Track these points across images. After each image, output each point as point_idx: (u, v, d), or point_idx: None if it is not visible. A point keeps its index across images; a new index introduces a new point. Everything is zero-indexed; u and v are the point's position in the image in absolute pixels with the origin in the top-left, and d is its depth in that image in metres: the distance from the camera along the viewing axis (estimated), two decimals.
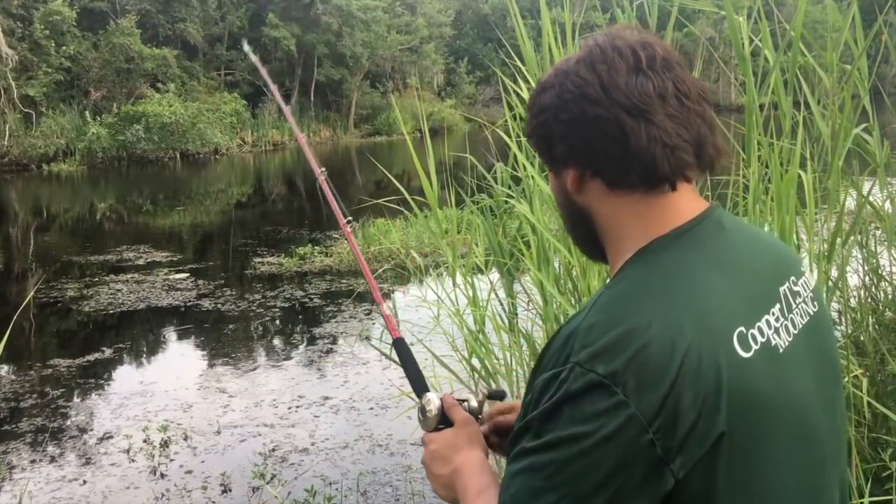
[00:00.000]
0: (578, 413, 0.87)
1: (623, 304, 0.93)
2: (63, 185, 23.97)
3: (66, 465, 4.75)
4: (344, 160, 30.44)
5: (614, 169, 0.98)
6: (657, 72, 0.97)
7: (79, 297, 9.03)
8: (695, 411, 0.86)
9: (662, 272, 0.96)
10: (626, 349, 0.87)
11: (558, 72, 1.03)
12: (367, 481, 4.28)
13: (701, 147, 0.98)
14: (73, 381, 6.30)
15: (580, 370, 0.88)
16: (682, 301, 0.92)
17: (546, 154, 1.06)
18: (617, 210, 1.01)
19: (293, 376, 6.25)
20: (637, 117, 0.95)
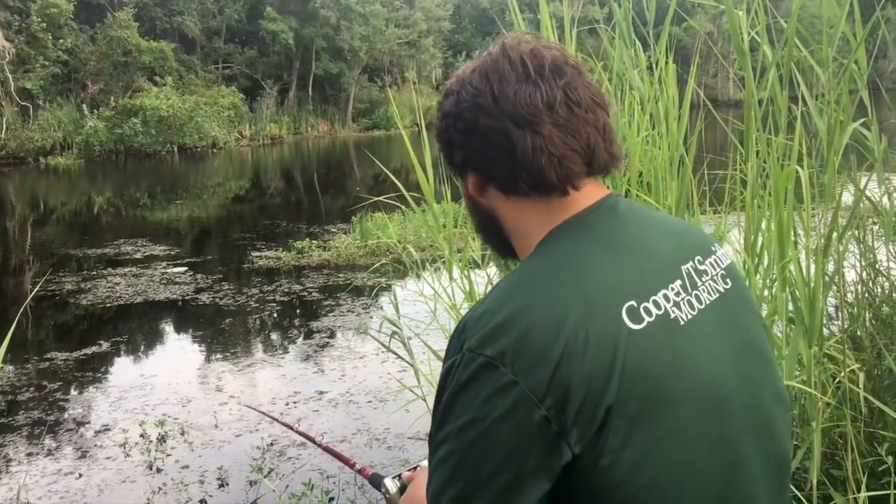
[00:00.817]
0: (472, 397, 0.90)
1: (512, 290, 0.96)
2: (60, 178, 23.94)
3: (62, 459, 4.75)
4: (342, 154, 30.42)
5: (505, 177, 1.02)
6: (546, 80, 0.99)
7: (76, 291, 9.02)
8: (585, 385, 0.88)
9: (552, 258, 0.99)
10: (511, 330, 0.90)
11: (459, 79, 1.06)
12: None
13: (592, 154, 1.01)
14: (71, 374, 6.31)
15: (471, 355, 0.91)
16: (568, 283, 0.95)
17: (448, 159, 1.09)
18: (519, 212, 1.05)
19: (291, 370, 6.25)
20: (524, 128, 0.98)
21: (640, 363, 0.91)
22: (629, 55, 2.80)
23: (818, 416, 2.29)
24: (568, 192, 1.02)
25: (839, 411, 2.45)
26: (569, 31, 2.95)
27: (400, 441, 4.69)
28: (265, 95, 34.49)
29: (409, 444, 4.63)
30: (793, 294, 2.36)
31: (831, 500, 2.36)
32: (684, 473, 0.94)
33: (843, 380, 2.38)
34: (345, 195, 17.53)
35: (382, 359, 6.03)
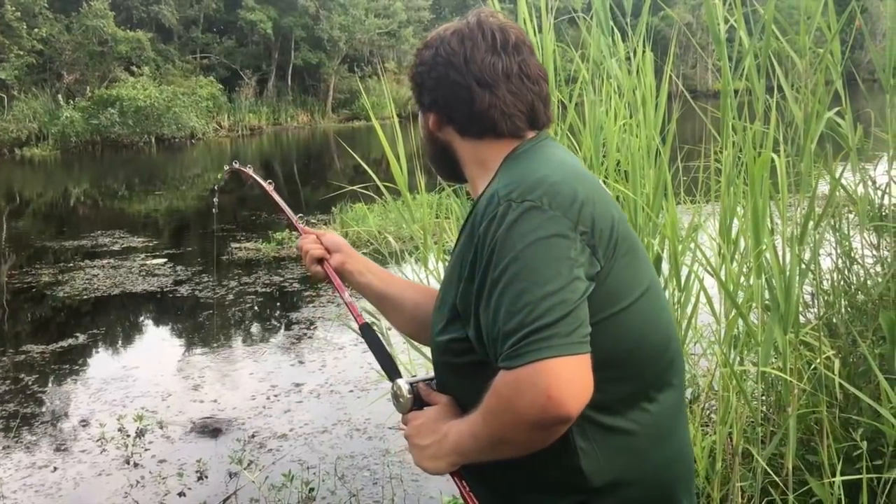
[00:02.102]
0: (525, 228, 1.13)
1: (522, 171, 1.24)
2: (36, 169, 23.64)
3: (38, 452, 4.70)
4: (322, 145, 30.26)
5: (461, 122, 1.33)
6: (508, 54, 1.29)
7: (53, 283, 8.93)
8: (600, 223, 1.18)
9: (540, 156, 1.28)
10: (542, 185, 1.18)
11: (439, 36, 1.35)
12: (346, 465, 4.28)
13: (534, 116, 1.32)
14: (48, 367, 6.24)
15: (514, 203, 1.16)
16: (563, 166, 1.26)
17: (417, 97, 1.39)
18: (474, 147, 1.34)
19: (271, 361, 6.22)
20: (484, 88, 1.28)
21: (619, 214, 1.25)
22: (607, 44, 2.80)
23: (794, 402, 2.31)
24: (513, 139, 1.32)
25: (815, 397, 2.47)
26: (546, 20, 2.95)
27: (381, 431, 4.69)
28: (244, 86, 34.23)
29: (390, 434, 4.62)
30: (769, 282, 2.38)
31: (806, 484, 2.39)
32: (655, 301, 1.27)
33: (819, 366, 2.41)
34: (325, 186, 17.45)
35: (362, 349, 6.01)
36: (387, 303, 1.64)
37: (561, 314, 1.08)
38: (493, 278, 1.13)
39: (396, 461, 4.27)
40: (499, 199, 1.17)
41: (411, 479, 4.09)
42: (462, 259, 1.23)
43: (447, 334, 1.27)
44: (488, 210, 1.18)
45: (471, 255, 1.20)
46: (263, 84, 35.71)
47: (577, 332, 1.09)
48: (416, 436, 1.31)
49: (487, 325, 1.14)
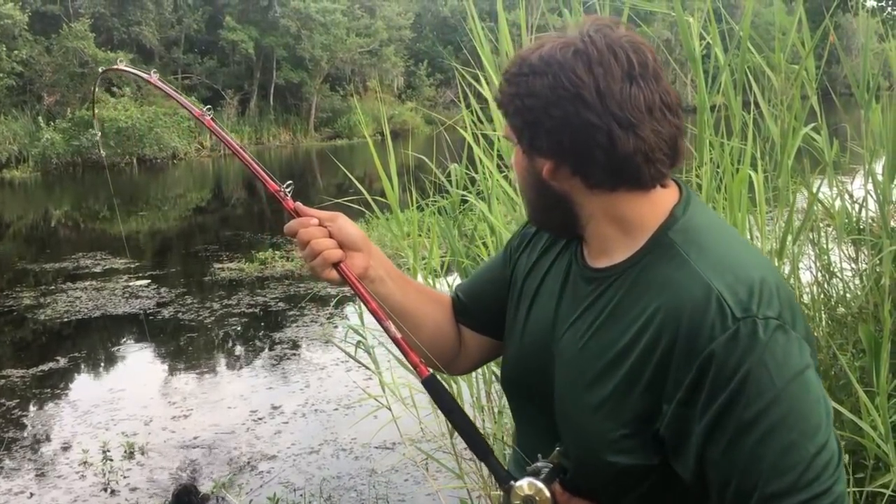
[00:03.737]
0: (780, 360, 0.93)
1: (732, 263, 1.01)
2: (16, 191, 23.45)
3: (15, 478, 4.64)
4: (305, 163, 30.22)
5: (596, 173, 1.03)
6: (648, 82, 1.00)
7: (34, 306, 8.84)
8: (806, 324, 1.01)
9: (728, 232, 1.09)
10: (772, 293, 0.97)
11: (550, 60, 1.02)
12: (332, 486, 4.26)
13: (676, 155, 1.05)
14: (28, 391, 6.17)
15: (759, 322, 0.94)
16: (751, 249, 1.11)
17: (526, 139, 1.07)
18: (609, 202, 1.07)
19: (256, 383, 6.19)
20: (626, 129, 0.99)
21: None
22: None
23: None
24: (655, 188, 1.07)
25: None
26: (526, 38, 2.98)
27: (367, 451, 4.67)
28: (226, 105, 34.15)
29: (376, 454, 4.60)
30: None
31: None
32: None
33: None
34: (308, 204, 17.41)
35: (347, 367, 5.99)
36: (405, 320, 1.31)
37: (836, 474, 0.92)
38: (745, 420, 0.92)
39: (383, 481, 4.25)
40: (731, 311, 0.94)
41: (398, 499, 4.07)
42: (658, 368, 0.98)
43: (626, 457, 1.01)
44: (714, 324, 0.94)
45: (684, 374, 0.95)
46: (245, 103, 35.67)
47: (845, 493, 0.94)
48: None
49: (728, 472, 0.94)
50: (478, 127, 3.10)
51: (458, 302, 1.38)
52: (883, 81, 3.41)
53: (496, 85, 3.03)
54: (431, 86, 43.86)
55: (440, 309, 1.38)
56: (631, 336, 1.01)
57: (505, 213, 3.14)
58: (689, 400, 0.95)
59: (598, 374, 1.04)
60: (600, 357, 1.05)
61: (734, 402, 0.93)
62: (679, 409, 0.96)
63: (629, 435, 1.01)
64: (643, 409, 0.99)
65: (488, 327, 1.34)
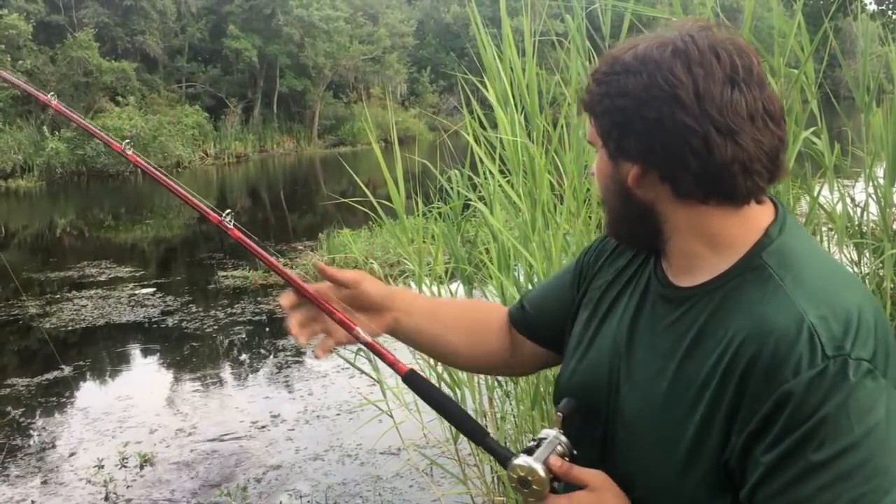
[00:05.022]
0: (865, 405, 0.86)
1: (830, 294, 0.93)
2: (21, 201, 23.53)
3: (18, 484, 4.66)
4: (308, 171, 30.30)
5: (688, 181, 0.96)
6: (751, 88, 0.94)
7: (40, 315, 8.87)
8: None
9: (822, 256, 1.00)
10: (869, 331, 0.89)
11: (646, 59, 0.96)
12: (337, 493, 4.26)
13: (775, 170, 0.97)
14: (33, 400, 6.19)
15: (851, 362, 0.87)
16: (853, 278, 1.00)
17: (614, 141, 1.00)
18: (698, 215, 0.99)
19: (260, 390, 6.20)
20: (726, 135, 0.92)
21: None
22: (585, 67, 2.85)
23: None
24: (749, 203, 0.98)
25: None
26: (529, 44, 2.99)
27: (372, 457, 4.67)
28: (229, 113, 34.29)
29: (381, 460, 4.61)
30: None
31: None
32: None
33: None
34: (311, 212, 17.47)
35: (350, 374, 5.99)
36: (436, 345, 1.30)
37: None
38: (815, 462, 0.86)
39: (388, 487, 4.26)
40: (823, 346, 0.87)
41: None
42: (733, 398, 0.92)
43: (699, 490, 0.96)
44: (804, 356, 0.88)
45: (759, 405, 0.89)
46: (249, 111, 35.79)
47: None
48: None
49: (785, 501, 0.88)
50: (480, 132, 3.12)
51: (522, 313, 1.34)
52: (886, 84, 3.42)
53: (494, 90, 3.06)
54: (434, 92, 43.98)
55: (478, 323, 1.35)
56: (712, 363, 0.94)
57: (506, 218, 3.16)
58: (761, 431, 0.89)
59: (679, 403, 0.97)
60: (681, 386, 0.98)
61: (807, 441, 0.86)
62: (748, 442, 0.90)
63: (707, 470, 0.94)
64: (718, 442, 0.93)
65: (549, 341, 1.31)
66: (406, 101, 42.80)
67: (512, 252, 2.94)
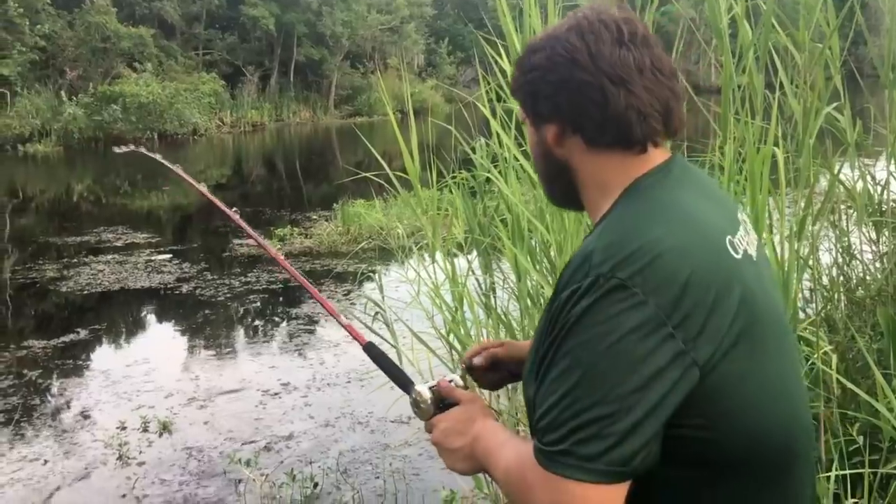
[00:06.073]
0: (602, 314, 0.98)
1: (634, 226, 1.05)
2: (39, 166, 23.67)
3: (32, 443, 4.74)
4: (324, 141, 30.26)
5: (593, 129, 1.11)
6: (637, 47, 1.10)
7: (57, 278, 8.95)
8: (707, 307, 1.00)
9: (661, 203, 1.09)
10: (643, 258, 1.00)
11: (549, 37, 1.14)
12: (348, 460, 4.31)
13: (669, 117, 1.12)
14: (50, 362, 6.27)
15: (602, 279, 0.99)
16: (683, 222, 1.07)
17: (530, 109, 1.18)
18: (598, 163, 1.14)
19: (273, 358, 6.25)
20: (618, 85, 1.08)
21: (743, 290, 1.04)
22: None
23: None
24: (647, 148, 1.12)
25: (812, 393, 2.48)
26: (553, 14, 2.96)
27: (382, 425, 4.71)
28: (246, 82, 34.20)
29: (392, 428, 4.64)
30: None
31: None
32: (775, 392, 1.08)
33: (817, 362, 2.42)
34: (327, 182, 17.47)
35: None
36: None
37: (606, 434, 0.96)
38: (553, 360, 1.02)
39: (398, 455, 4.30)
40: (590, 268, 1.01)
41: (413, 472, 4.12)
42: (546, 318, 1.09)
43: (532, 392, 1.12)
44: (576, 275, 1.03)
45: (549, 319, 1.06)
46: (266, 80, 35.68)
47: (619, 459, 0.96)
48: (443, 441, 1.25)
49: (539, 401, 1.04)
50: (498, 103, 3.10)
51: None
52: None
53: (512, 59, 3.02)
54: (452, 64, 43.65)
55: None
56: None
57: (523, 191, 3.14)
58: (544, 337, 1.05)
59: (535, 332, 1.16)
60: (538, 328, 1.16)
61: (553, 344, 1.02)
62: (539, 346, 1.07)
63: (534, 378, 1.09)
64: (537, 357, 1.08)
65: None
66: (423, 72, 42.50)
67: (527, 223, 2.94)
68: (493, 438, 1.18)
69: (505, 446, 1.14)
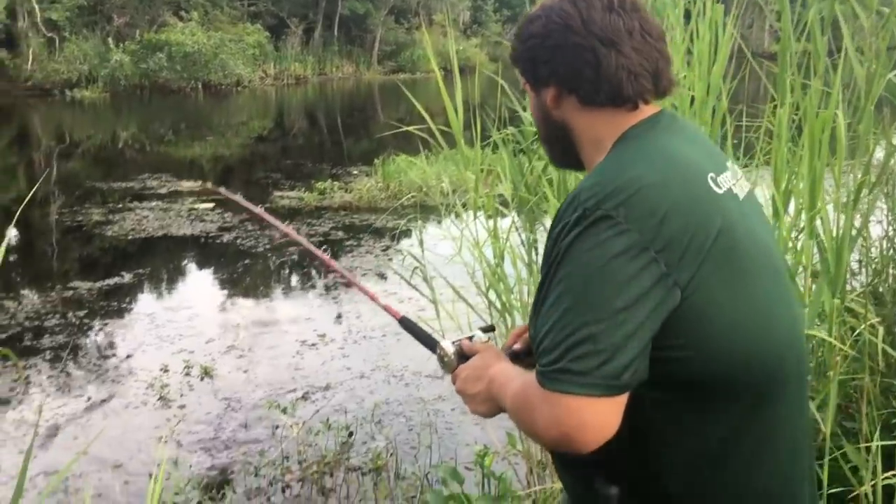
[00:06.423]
0: (589, 243, 1.07)
1: (618, 167, 1.15)
2: (86, 111, 24.00)
3: (76, 380, 4.89)
4: (366, 97, 30.20)
5: (587, 89, 1.21)
6: (627, 12, 1.20)
7: (102, 223, 9.13)
8: (688, 234, 1.08)
9: (641, 144, 1.19)
10: (625, 192, 1.09)
11: (544, 7, 1.25)
12: (382, 411, 4.36)
13: (658, 77, 1.22)
14: (95, 303, 6.42)
15: (587, 212, 1.08)
16: (663, 158, 1.16)
17: (530, 74, 1.29)
18: (592, 120, 1.24)
19: (310, 310, 6.33)
20: (609, 47, 1.18)
21: (724, 220, 1.12)
22: None
23: (836, 367, 2.29)
24: (638, 105, 1.22)
25: (857, 363, 2.45)
26: None
27: (417, 379, 4.76)
28: (290, 34, 34.14)
29: (426, 382, 4.69)
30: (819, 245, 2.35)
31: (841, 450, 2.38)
32: (759, 318, 1.14)
33: (864, 333, 2.38)
34: (367, 138, 17.47)
35: (399, 298, 6.05)
36: None
37: (600, 349, 1.04)
38: (549, 288, 1.11)
39: (432, 409, 4.34)
40: (577, 204, 1.11)
41: (445, 427, 4.16)
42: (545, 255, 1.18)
43: None
44: (566, 213, 1.12)
45: (545, 255, 1.16)
46: (310, 33, 35.58)
47: (614, 372, 1.04)
48: (465, 387, 1.36)
49: (537, 329, 1.12)
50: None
51: None
52: None
53: None
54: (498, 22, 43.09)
55: None
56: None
57: None
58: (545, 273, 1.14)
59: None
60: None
61: (548, 276, 1.12)
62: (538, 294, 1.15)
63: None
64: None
65: None
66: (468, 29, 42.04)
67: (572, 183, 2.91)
68: (504, 377, 1.28)
69: (514, 380, 1.24)
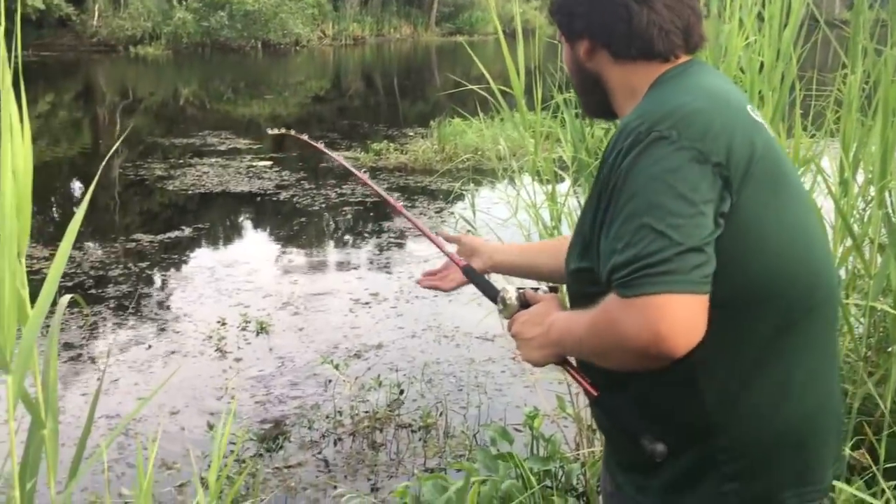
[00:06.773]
0: (649, 160, 1.11)
1: (661, 100, 1.20)
2: (148, 68, 24.41)
3: (139, 328, 5.04)
4: (423, 59, 30.08)
5: (619, 43, 1.28)
6: None
7: (164, 177, 9.33)
8: (736, 154, 1.13)
9: (684, 82, 1.24)
10: (675, 114, 1.14)
11: None
12: (433, 370, 4.41)
13: (689, 33, 1.28)
14: (157, 255, 6.59)
15: (642, 135, 1.13)
16: (706, 91, 1.22)
17: (566, 27, 1.35)
18: (625, 73, 1.30)
19: (364, 270, 6.40)
20: (641, 3, 1.24)
21: (765, 146, 1.18)
22: None
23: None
24: (669, 59, 1.28)
25: None
26: None
27: (468, 340, 4.79)
28: None
29: (476, 343, 4.72)
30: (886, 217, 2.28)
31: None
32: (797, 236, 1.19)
33: None
34: (423, 100, 17.43)
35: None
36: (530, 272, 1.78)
37: (681, 250, 1.06)
38: (616, 211, 1.13)
39: (482, 370, 4.37)
40: (629, 131, 1.15)
41: (495, 388, 4.19)
42: (596, 190, 1.21)
43: (578, 262, 1.27)
44: (619, 142, 1.16)
45: (599, 187, 1.19)
46: None
47: (697, 271, 1.06)
48: (521, 331, 1.36)
49: (605, 255, 1.13)
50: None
51: None
52: None
53: None
54: None
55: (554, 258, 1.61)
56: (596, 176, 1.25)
57: None
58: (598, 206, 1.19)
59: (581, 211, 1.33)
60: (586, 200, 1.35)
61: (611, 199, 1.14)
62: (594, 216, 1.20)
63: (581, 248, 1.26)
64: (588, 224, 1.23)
65: None
66: None
67: None
68: (568, 319, 1.28)
69: (584, 315, 1.22)
